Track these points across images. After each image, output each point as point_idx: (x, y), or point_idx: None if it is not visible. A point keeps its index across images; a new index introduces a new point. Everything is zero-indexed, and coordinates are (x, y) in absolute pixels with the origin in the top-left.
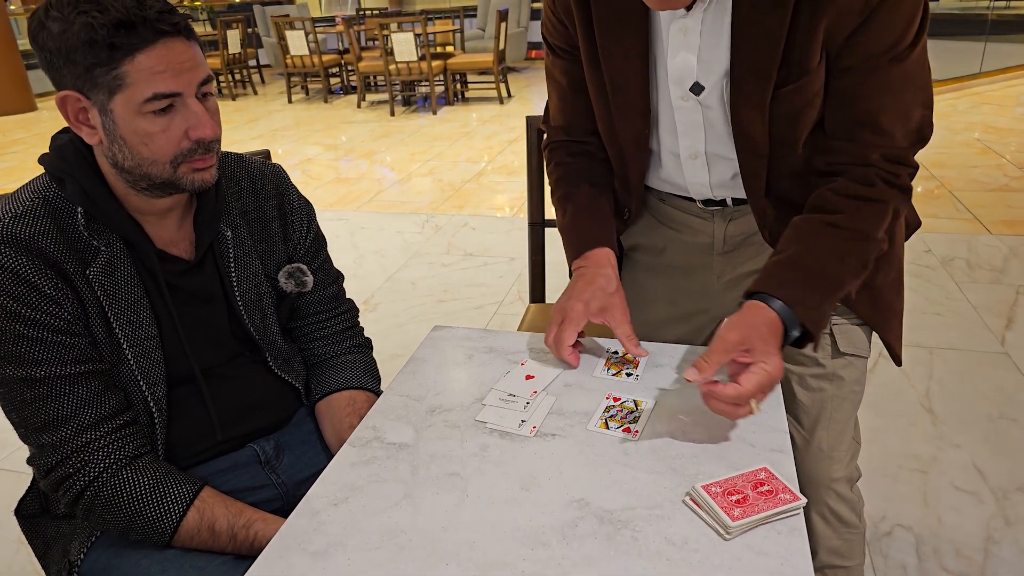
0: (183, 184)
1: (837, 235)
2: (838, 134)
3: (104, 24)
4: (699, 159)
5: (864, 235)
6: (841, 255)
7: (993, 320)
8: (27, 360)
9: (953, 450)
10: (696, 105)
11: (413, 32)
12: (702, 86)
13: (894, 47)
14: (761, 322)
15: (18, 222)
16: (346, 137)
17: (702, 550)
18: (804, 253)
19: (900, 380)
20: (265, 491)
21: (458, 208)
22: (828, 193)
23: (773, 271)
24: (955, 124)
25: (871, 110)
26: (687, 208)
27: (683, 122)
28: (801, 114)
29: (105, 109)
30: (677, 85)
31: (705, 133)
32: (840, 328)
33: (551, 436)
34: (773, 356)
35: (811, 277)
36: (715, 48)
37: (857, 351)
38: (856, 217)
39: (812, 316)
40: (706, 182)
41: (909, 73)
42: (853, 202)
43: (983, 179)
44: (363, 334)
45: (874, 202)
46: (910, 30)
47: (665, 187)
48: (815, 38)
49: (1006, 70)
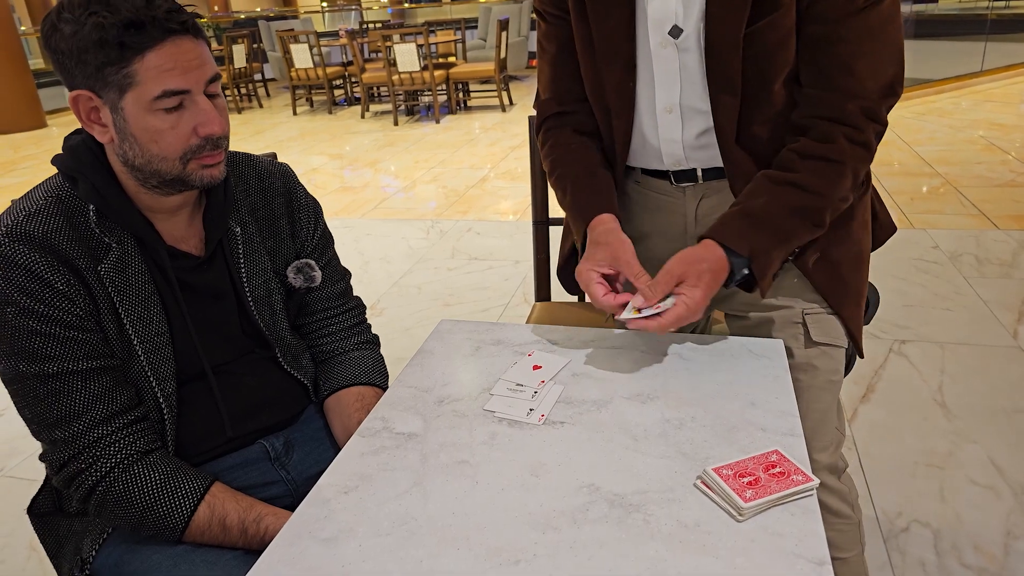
0: (192, 180)
1: (792, 192)
2: (814, 83)
3: (114, 24)
4: (674, 112)
5: (819, 193)
6: (793, 209)
7: (1004, 314)
8: (40, 356)
9: (969, 445)
10: (674, 51)
11: (415, 43)
12: (681, 29)
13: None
14: (705, 258)
15: (31, 220)
16: (350, 147)
17: (715, 532)
18: (758, 205)
19: (912, 376)
20: (274, 487)
21: (462, 213)
22: (789, 153)
23: (728, 219)
24: (958, 122)
25: (847, 55)
26: (661, 188)
27: (661, 71)
28: (774, 54)
29: (116, 107)
30: (657, 30)
31: (681, 82)
32: (813, 318)
33: (560, 424)
34: (697, 290)
35: (762, 226)
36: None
37: (831, 340)
38: (813, 176)
39: (760, 261)
40: (679, 139)
41: (882, 21)
42: (811, 162)
43: (989, 175)
44: (371, 331)
45: (831, 162)
46: None
47: (642, 157)
48: None
49: (1008, 68)
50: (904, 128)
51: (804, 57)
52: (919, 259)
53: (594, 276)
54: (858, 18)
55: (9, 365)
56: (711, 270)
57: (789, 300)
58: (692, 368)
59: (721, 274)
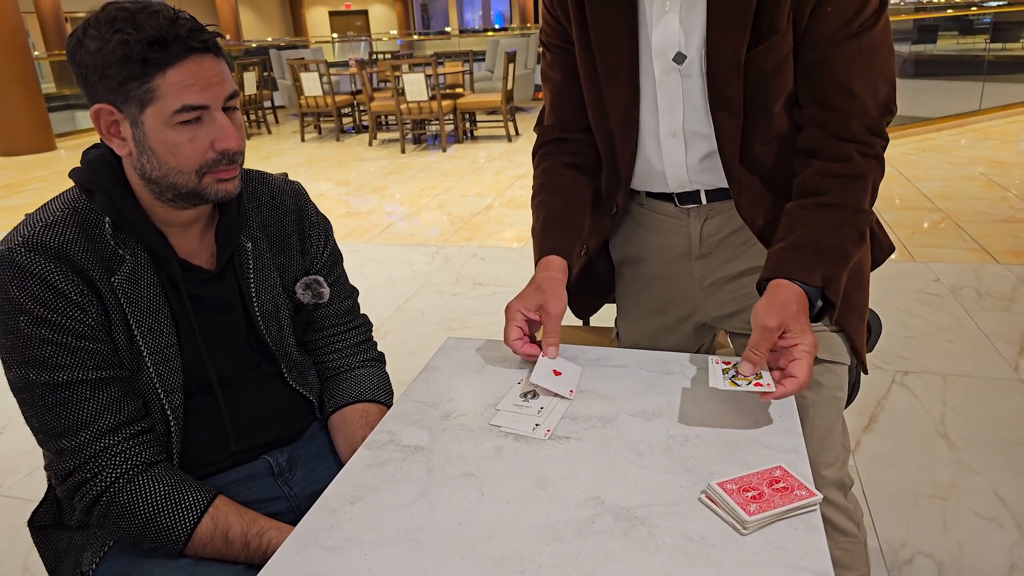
0: (207, 194)
1: (831, 212)
2: (814, 104)
3: (139, 41)
4: (677, 136)
5: (854, 208)
6: (839, 228)
7: (1005, 347)
8: (50, 364)
9: (972, 476)
10: (677, 77)
11: (424, 73)
12: (684, 55)
13: (858, 15)
14: (790, 299)
15: (48, 231)
16: (357, 173)
17: (719, 545)
18: (807, 234)
19: (914, 406)
20: (277, 503)
21: (467, 240)
22: (811, 177)
23: (782, 255)
24: (958, 159)
25: (844, 78)
26: (664, 210)
27: (664, 97)
28: (772, 78)
29: (136, 121)
30: (660, 57)
31: (684, 108)
32: (817, 335)
33: (565, 439)
34: (808, 334)
35: (822, 251)
36: (694, 18)
37: (836, 357)
38: (843, 193)
39: (833, 287)
40: (683, 162)
41: (875, 43)
42: (836, 180)
43: (988, 211)
44: (377, 348)
45: (854, 177)
46: (869, 1)
47: (646, 181)
48: (782, 1)
49: (1005, 107)
50: (905, 164)
51: (802, 81)
52: (920, 292)
53: (517, 316)
54: (852, 43)
55: (19, 373)
56: (802, 309)
57: None
58: (696, 387)
59: (806, 309)
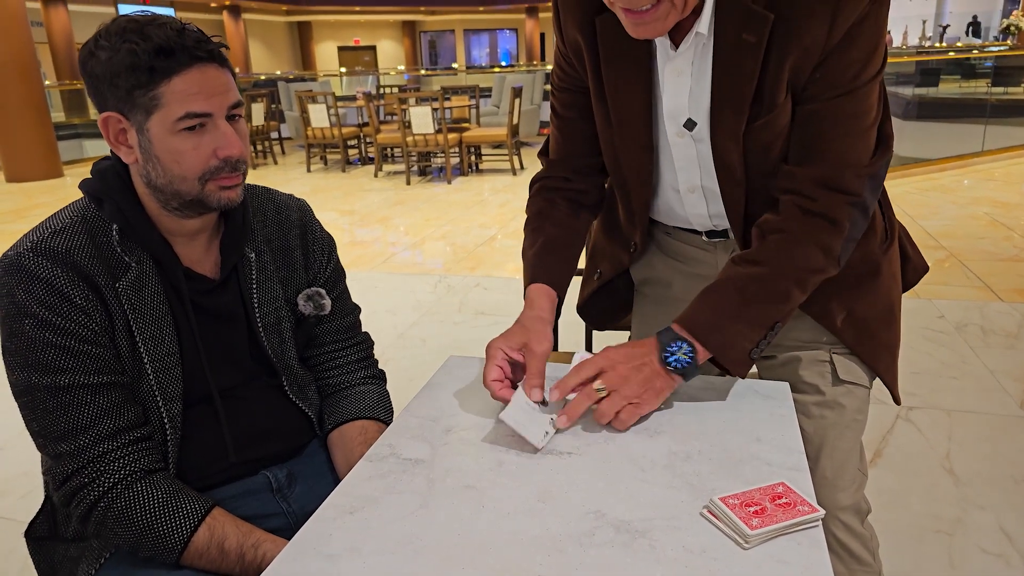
0: (210, 201)
1: (742, 267)
2: (790, 158)
3: (146, 50)
4: (696, 192)
5: (767, 264)
6: (744, 284)
7: (1010, 384)
8: (53, 368)
9: (978, 512)
10: (690, 141)
11: (431, 106)
12: (694, 122)
13: (854, 79)
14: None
15: (56, 237)
16: (362, 204)
17: (721, 558)
18: (711, 286)
19: (920, 442)
20: (275, 520)
21: (470, 270)
22: (753, 229)
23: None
24: (961, 198)
25: (813, 133)
26: (692, 241)
27: (680, 157)
28: (771, 147)
29: (142, 129)
30: (672, 122)
31: (700, 168)
32: (840, 358)
33: (567, 454)
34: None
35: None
36: (702, 87)
37: (857, 380)
38: (762, 249)
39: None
40: (705, 213)
41: (863, 105)
42: (770, 236)
43: (992, 249)
44: (377, 366)
45: (784, 232)
46: (869, 64)
47: (670, 220)
48: (782, 76)
49: (1008, 149)
50: (908, 203)
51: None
52: (925, 328)
53: (498, 355)
54: (836, 103)
55: (22, 377)
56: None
57: (815, 339)
58: (699, 406)
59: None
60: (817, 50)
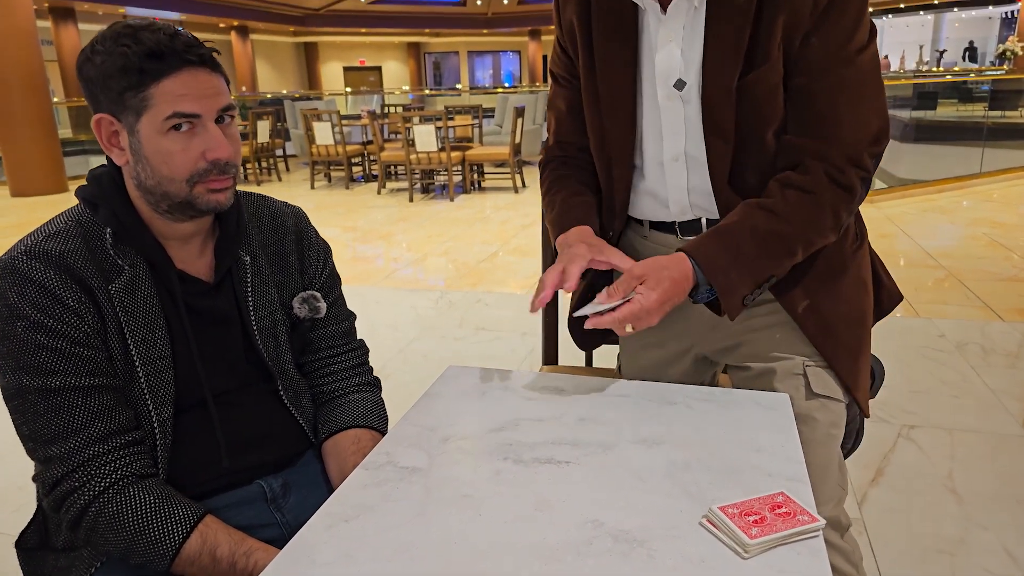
0: (199, 203)
1: (762, 215)
2: (796, 130)
3: (137, 53)
4: (680, 161)
5: (788, 220)
6: (758, 231)
7: (1012, 403)
8: (45, 370)
9: (981, 532)
10: (679, 103)
11: (434, 125)
12: (684, 81)
13: (843, 47)
14: (668, 266)
15: (50, 240)
16: (365, 220)
17: (720, 568)
18: (727, 224)
19: (921, 461)
20: (269, 530)
21: (472, 286)
22: (772, 182)
23: (703, 236)
24: (960, 219)
25: (826, 107)
26: (666, 241)
27: (667, 122)
28: (763, 105)
29: (133, 130)
30: (663, 83)
31: (686, 132)
32: (813, 370)
33: (565, 463)
34: (653, 293)
35: (724, 244)
36: (694, 48)
37: (831, 393)
38: (786, 202)
39: (719, 279)
40: (684, 186)
41: (862, 75)
42: (789, 191)
43: (992, 269)
44: (372, 373)
45: (807, 192)
46: (856, 34)
47: (647, 208)
48: (774, 31)
49: (1006, 171)
50: (907, 222)
51: (789, 109)
52: (925, 347)
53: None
54: (836, 72)
55: (13, 379)
56: (672, 278)
57: (790, 352)
58: (698, 416)
59: (683, 284)
60: (807, 11)
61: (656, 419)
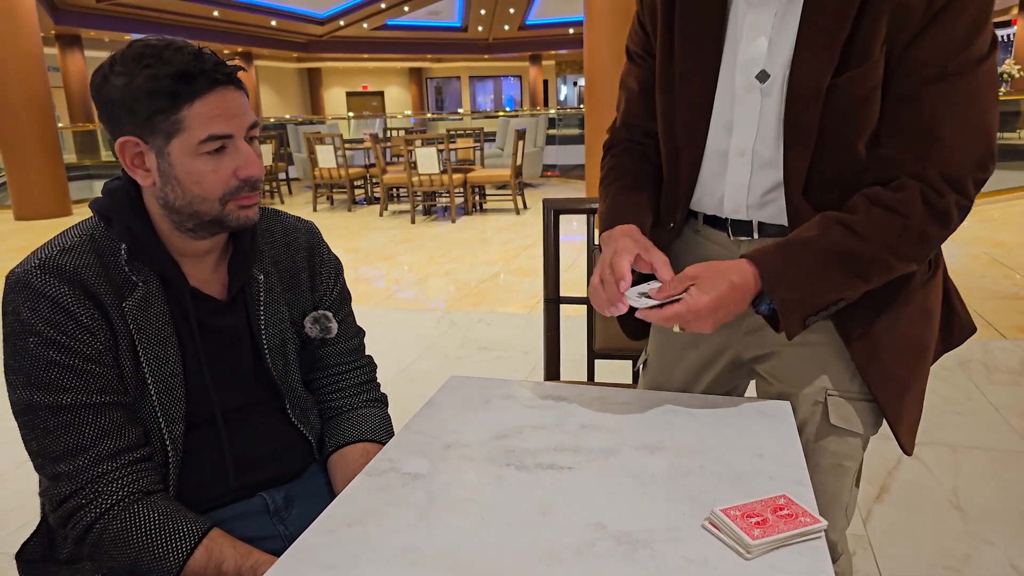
0: (230, 221)
1: (841, 232)
2: (894, 146)
3: (167, 75)
4: (745, 156)
5: (869, 240)
6: (834, 250)
7: (1016, 420)
8: (56, 387)
9: (987, 548)
10: (757, 96)
11: (436, 147)
12: (768, 73)
13: (958, 54)
14: (729, 272)
15: (64, 255)
16: (367, 242)
17: (722, 568)
18: (801, 239)
19: (926, 477)
20: (271, 542)
21: (473, 306)
22: (858, 196)
23: (772, 245)
24: (961, 238)
25: (932, 120)
26: (717, 239)
27: (741, 114)
28: (855, 110)
29: (162, 152)
30: (744, 73)
31: (758, 127)
32: (835, 400)
33: (568, 469)
34: (704, 296)
35: (794, 259)
36: (784, 38)
37: (851, 427)
38: (870, 221)
39: (781, 293)
40: (745, 183)
41: (975, 90)
42: (876, 209)
43: (993, 287)
44: (380, 390)
45: (896, 213)
46: (975, 42)
47: (705, 200)
48: (878, 29)
49: (1006, 191)
50: None
51: (887, 119)
52: None
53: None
54: (947, 82)
55: (24, 395)
56: (730, 282)
57: (817, 376)
58: (700, 424)
59: (742, 290)
60: (919, 9)
61: (658, 426)
